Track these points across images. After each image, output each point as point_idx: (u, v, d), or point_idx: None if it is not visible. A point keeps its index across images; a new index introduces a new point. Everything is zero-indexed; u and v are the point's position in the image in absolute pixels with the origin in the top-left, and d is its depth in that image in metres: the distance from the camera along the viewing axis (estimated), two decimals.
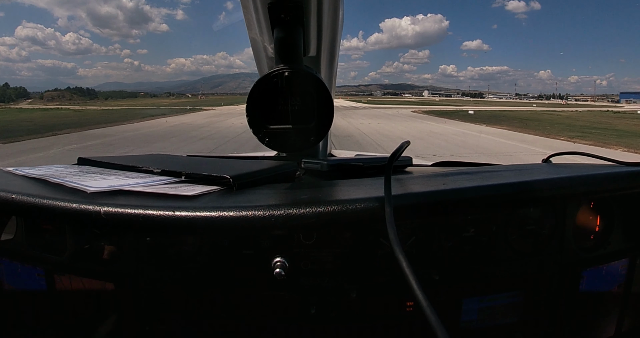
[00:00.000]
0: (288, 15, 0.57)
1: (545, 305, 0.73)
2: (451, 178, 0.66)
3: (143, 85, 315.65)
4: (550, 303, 0.73)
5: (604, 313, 0.79)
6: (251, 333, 0.69)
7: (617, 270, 0.79)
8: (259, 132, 0.58)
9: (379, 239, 0.68)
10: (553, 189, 0.61)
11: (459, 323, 0.71)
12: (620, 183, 0.67)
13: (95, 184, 0.59)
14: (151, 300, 0.68)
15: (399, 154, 0.65)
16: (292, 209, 0.50)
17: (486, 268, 0.70)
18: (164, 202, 0.52)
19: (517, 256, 0.72)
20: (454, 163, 1.10)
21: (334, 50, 0.82)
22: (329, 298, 0.67)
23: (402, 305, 0.68)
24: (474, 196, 0.57)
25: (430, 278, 0.68)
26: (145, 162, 0.75)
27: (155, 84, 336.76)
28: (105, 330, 0.71)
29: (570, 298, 0.74)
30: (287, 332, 0.68)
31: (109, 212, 0.50)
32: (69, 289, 0.71)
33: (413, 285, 0.38)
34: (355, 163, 0.82)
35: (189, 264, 0.67)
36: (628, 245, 0.78)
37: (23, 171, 0.71)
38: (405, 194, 0.55)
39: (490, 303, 0.71)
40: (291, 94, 0.56)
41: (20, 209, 0.54)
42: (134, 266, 0.68)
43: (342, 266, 0.67)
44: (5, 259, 0.72)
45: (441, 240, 0.69)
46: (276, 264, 0.61)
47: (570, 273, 0.74)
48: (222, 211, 0.50)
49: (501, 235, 0.71)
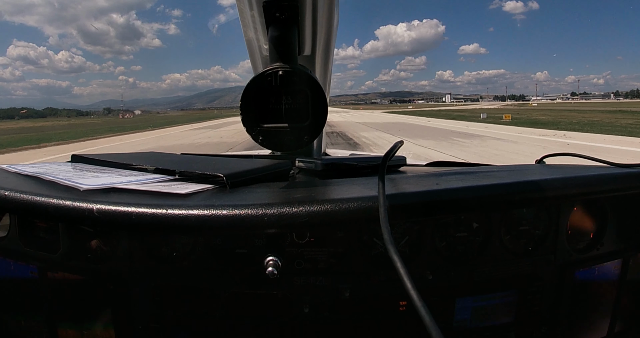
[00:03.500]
0: (283, 13, 0.57)
1: (539, 305, 0.73)
2: (444, 178, 0.66)
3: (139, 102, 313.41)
4: (544, 304, 0.74)
5: (597, 313, 0.80)
6: (244, 332, 0.69)
7: (610, 271, 0.79)
8: (252, 131, 0.57)
9: (372, 238, 0.68)
10: (546, 190, 0.62)
11: (452, 322, 0.71)
12: (613, 185, 0.68)
13: (89, 181, 0.59)
14: (144, 298, 0.68)
15: (393, 153, 0.65)
16: (286, 208, 0.50)
17: (480, 268, 0.70)
18: (157, 200, 0.52)
19: (511, 256, 0.72)
20: (448, 163, 1.10)
21: (329, 49, 0.82)
22: (322, 297, 0.67)
23: (395, 305, 0.69)
24: (467, 196, 0.57)
25: (424, 278, 0.68)
26: (139, 160, 0.75)
27: (150, 100, 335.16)
28: (99, 329, 0.71)
29: (563, 299, 0.75)
30: (280, 331, 0.68)
31: (101, 210, 0.50)
32: (62, 287, 0.71)
33: (407, 284, 0.38)
34: (349, 162, 0.82)
35: (182, 262, 0.67)
36: (621, 246, 0.79)
37: (16, 168, 0.71)
38: (399, 194, 0.55)
39: (483, 303, 0.72)
40: (285, 93, 0.56)
41: (13, 207, 0.54)
42: (127, 264, 0.67)
43: (335, 265, 0.67)
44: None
45: (435, 240, 0.70)
46: (269, 263, 0.61)
47: (563, 273, 0.74)
48: (215, 209, 0.50)
49: (495, 235, 0.71)
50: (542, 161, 0.94)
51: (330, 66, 0.89)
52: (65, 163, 0.81)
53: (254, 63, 0.85)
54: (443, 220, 0.70)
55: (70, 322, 0.72)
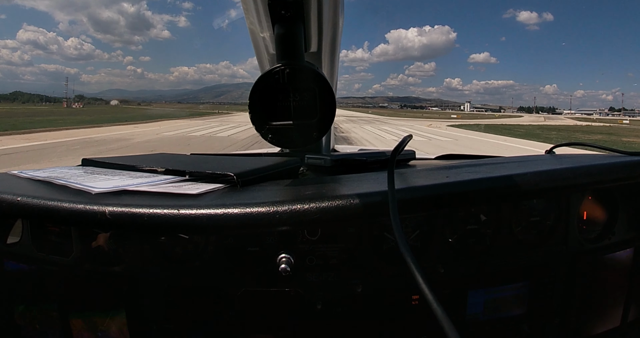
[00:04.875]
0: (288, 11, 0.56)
1: (551, 296, 0.73)
2: (454, 171, 0.66)
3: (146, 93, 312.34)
4: (556, 294, 0.73)
5: (610, 303, 0.79)
6: (258, 330, 0.69)
7: (622, 260, 0.79)
8: (261, 129, 0.58)
9: (383, 233, 0.68)
10: (556, 180, 0.61)
11: (465, 315, 0.71)
12: (623, 173, 0.67)
13: (100, 184, 0.60)
14: (158, 299, 0.69)
15: (402, 148, 0.65)
16: (297, 205, 0.51)
17: (491, 260, 0.70)
18: (169, 201, 0.53)
19: (522, 247, 0.72)
20: (457, 156, 1.10)
21: (336, 45, 0.82)
22: (334, 293, 0.67)
23: (407, 299, 0.69)
24: (477, 188, 0.57)
25: (436, 272, 0.68)
26: (149, 161, 0.75)
27: (158, 91, 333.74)
28: (113, 330, 0.72)
29: (575, 289, 0.74)
30: (293, 328, 0.69)
31: (113, 212, 0.51)
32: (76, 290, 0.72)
33: (418, 278, 0.38)
34: (358, 157, 0.82)
35: (195, 262, 0.68)
36: (633, 234, 0.78)
37: (28, 174, 0.71)
38: (409, 188, 0.55)
39: (495, 295, 0.72)
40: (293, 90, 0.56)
41: (25, 212, 0.55)
42: (140, 265, 0.68)
43: (347, 261, 0.67)
44: (12, 262, 0.73)
45: (445, 233, 0.69)
46: (281, 260, 0.62)
47: (575, 264, 0.74)
48: (226, 208, 0.50)
49: (505, 226, 0.71)
50: (552, 152, 0.94)
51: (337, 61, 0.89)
52: (75, 166, 0.81)
53: (260, 61, 0.85)
54: (454, 213, 0.70)
55: (85, 324, 0.73)
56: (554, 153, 0.93)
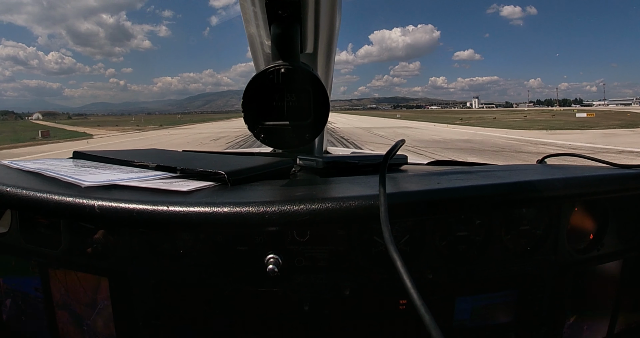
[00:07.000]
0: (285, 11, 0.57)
1: (539, 305, 0.73)
2: (446, 177, 0.66)
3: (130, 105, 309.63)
4: (544, 304, 0.73)
5: (597, 314, 0.80)
6: (244, 329, 0.69)
7: (610, 271, 0.79)
8: (254, 128, 0.57)
9: (373, 237, 0.68)
10: (547, 190, 0.62)
11: (452, 322, 0.71)
12: (614, 185, 0.67)
13: (90, 178, 0.59)
14: (145, 295, 0.68)
15: (394, 152, 0.65)
16: (287, 206, 0.50)
17: (480, 268, 0.70)
18: (158, 197, 0.52)
19: (511, 256, 0.72)
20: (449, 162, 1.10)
21: (331, 47, 0.82)
22: (322, 295, 0.67)
23: (395, 303, 0.69)
24: (468, 195, 0.57)
25: (424, 277, 0.68)
26: (141, 157, 0.75)
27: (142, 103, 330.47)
28: (99, 325, 0.71)
29: (563, 299, 0.75)
30: (280, 328, 0.68)
31: (103, 206, 0.50)
32: (63, 283, 0.71)
33: (407, 283, 0.38)
34: (350, 160, 0.82)
35: (183, 260, 0.67)
36: (622, 246, 0.79)
37: (18, 164, 0.71)
38: (400, 193, 0.55)
39: (483, 303, 0.72)
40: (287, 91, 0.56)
41: (14, 203, 0.54)
42: (128, 261, 0.68)
43: (336, 263, 0.67)
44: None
45: (435, 239, 0.70)
46: (269, 260, 0.61)
47: (564, 274, 0.74)
48: (216, 207, 0.50)
49: (495, 234, 0.71)
50: (544, 161, 0.94)
51: (332, 63, 0.89)
52: (67, 159, 0.81)
53: (256, 61, 0.85)
54: (444, 219, 0.70)
55: (71, 317, 0.72)
56: (545, 163, 0.93)
